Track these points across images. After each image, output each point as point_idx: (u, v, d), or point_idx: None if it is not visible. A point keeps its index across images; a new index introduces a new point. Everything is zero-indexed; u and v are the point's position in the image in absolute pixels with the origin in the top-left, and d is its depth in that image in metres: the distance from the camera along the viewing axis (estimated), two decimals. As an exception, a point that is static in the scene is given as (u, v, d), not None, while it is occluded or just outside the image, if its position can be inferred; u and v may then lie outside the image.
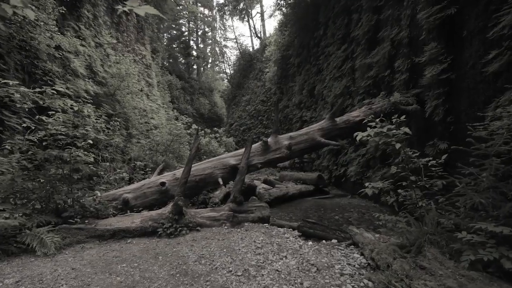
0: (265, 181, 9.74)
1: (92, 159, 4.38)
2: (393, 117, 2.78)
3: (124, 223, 4.01)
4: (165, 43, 37.67)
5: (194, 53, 41.65)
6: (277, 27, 20.04)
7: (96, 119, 8.28)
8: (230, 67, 38.76)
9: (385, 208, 6.42)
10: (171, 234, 3.96)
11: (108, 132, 8.37)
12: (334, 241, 3.62)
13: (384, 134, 2.61)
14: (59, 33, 8.23)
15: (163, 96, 22.83)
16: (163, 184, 4.93)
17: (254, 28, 32.68)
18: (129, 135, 10.63)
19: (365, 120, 5.16)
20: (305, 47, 14.71)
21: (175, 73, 34.64)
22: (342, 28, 10.29)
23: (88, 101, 8.41)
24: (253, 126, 23.74)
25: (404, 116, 2.71)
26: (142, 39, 17.34)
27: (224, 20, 39.47)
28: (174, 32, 40.19)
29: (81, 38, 10.05)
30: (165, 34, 38.34)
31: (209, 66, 44.86)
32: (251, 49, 30.60)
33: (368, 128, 2.91)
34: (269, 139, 5.81)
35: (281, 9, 18.07)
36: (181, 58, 40.30)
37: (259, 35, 31.41)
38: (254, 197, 5.17)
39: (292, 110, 16.04)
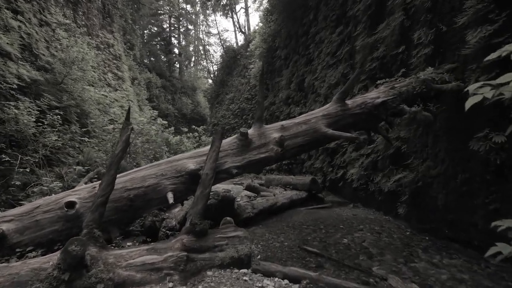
0: (249, 188, 8.12)
1: None
2: None
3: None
4: (145, 40, 35.47)
5: (176, 50, 39.61)
6: (261, 15, 18.52)
7: (28, 112, 6.34)
8: (213, 64, 37.00)
9: (402, 222, 4.93)
10: (51, 317, 1.89)
11: (43, 127, 6.43)
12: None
13: None
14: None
15: (138, 93, 20.91)
16: (70, 205, 2.86)
17: (238, 23, 30.94)
18: (85, 132, 8.65)
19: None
20: (292, 36, 13.30)
21: (156, 71, 32.72)
22: (337, 8, 8.88)
23: (13, 86, 6.45)
24: (237, 126, 22.08)
25: None
26: (109, 26, 15.25)
27: (207, 15, 37.73)
28: (155, 28, 38.20)
29: (17, 12, 8.05)
30: (145, 31, 36.18)
31: (192, 64, 42.93)
32: (235, 45, 28.98)
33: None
34: (249, 131, 3.80)
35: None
36: (162, 56, 38.18)
37: (243, 30, 29.87)
38: (228, 218, 3.27)
39: (278, 107, 14.56)
